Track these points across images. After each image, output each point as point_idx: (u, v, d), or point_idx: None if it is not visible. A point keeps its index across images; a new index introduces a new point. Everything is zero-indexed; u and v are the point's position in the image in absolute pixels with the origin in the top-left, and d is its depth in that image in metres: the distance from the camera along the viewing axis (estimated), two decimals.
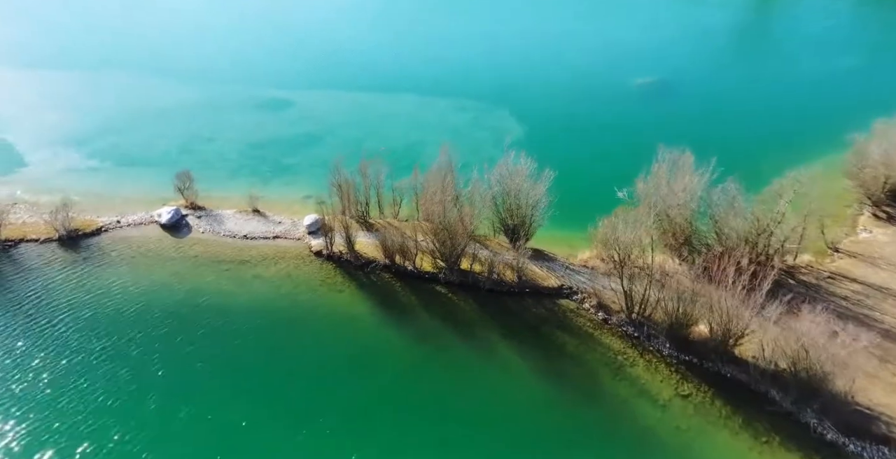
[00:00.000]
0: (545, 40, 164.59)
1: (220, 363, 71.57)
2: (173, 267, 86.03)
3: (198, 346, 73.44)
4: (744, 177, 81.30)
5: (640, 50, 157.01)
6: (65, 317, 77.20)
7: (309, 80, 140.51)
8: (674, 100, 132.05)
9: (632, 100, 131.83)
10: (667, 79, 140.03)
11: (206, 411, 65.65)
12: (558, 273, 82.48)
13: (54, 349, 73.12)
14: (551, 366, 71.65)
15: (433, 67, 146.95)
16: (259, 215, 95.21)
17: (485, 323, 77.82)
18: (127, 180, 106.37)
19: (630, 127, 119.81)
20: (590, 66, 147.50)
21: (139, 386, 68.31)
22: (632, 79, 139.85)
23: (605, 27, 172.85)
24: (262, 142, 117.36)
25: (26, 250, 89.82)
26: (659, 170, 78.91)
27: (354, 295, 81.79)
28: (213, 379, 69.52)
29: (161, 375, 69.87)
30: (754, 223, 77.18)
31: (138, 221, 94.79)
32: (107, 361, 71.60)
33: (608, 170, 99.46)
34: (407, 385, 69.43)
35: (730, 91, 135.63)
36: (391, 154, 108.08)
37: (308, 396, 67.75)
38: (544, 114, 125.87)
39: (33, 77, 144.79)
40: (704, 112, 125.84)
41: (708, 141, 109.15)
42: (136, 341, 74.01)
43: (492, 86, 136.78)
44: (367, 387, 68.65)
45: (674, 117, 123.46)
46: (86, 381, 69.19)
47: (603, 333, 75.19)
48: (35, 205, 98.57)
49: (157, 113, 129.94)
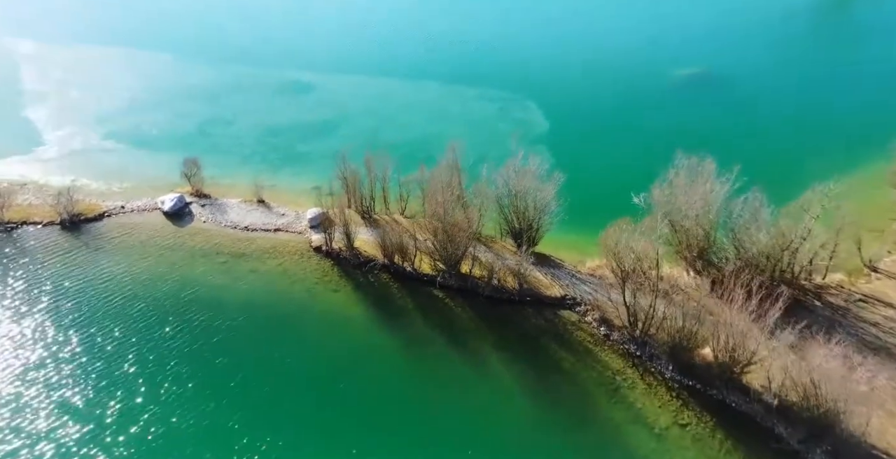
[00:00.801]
0: (581, 23, 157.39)
1: (195, 360, 69.20)
2: (169, 257, 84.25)
3: (175, 341, 71.36)
4: (779, 187, 75.83)
5: (687, 35, 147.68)
6: (46, 306, 76.01)
7: (334, 64, 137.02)
8: (714, 95, 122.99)
9: (669, 94, 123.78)
10: (711, 70, 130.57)
11: (170, 412, 63.50)
12: (563, 281, 77.87)
13: (27, 341, 71.77)
14: (544, 384, 67.40)
15: (461, 54, 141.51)
16: (263, 206, 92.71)
17: (480, 332, 73.96)
18: (140, 163, 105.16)
19: (663, 123, 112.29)
20: (629, 54, 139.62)
21: (108, 383, 66.60)
22: (672, 70, 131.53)
23: (650, 9, 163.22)
24: (279, 127, 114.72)
25: (27, 233, 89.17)
26: (676, 177, 73.10)
27: (349, 296, 78.71)
28: (183, 378, 67.20)
29: (132, 372, 67.94)
30: (778, 238, 70.99)
31: (142, 207, 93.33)
32: (79, 355, 70.07)
33: (634, 171, 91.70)
34: (390, 396, 66.03)
35: (780, 86, 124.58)
36: (407, 145, 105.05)
37: (279, 401, 64.78)
38: (573, 106, 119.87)
39: (65, 52, 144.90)
40: (746, 109, 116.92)
41: (744, 141, 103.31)
42: (114, 335, 72.25)
43: (521, 75, 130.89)
44: (348, 398, 65.47)
45: (712, 113, 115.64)
46: (55, 375, 67.80)
47: (603, 350, 70.57)
48: (44, 186, 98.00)
49: (182, 93, 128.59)
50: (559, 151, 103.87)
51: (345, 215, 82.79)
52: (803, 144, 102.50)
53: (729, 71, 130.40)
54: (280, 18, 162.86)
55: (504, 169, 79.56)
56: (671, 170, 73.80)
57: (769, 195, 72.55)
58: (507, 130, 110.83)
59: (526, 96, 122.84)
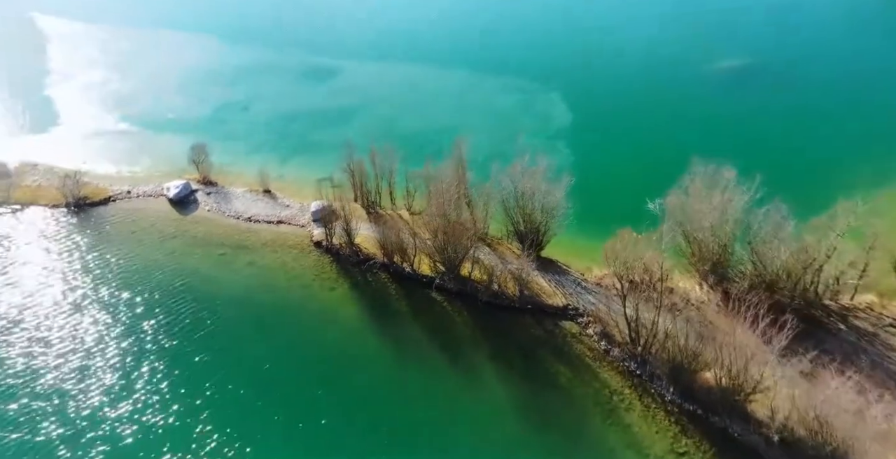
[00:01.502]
0: (619, 9, 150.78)
1: (176, 357, 67.32)
2: (168, 245, 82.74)
3: (158, 335, 69.67)
4: (808, 198, 70.32)
5: (734, 22, 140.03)
6: (33, 290, 74.96)
7: (360, 48, 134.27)
8: (756, 91, 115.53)
9: (705, 88, 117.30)
10: (757, 63, 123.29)
11: (141, 411, 61.68)
12: (567, 289, 73.83)
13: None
14: (538, 400, 63.59)
15: (489, 41, 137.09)
16: (269, 196, 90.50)
17: (475, 340, 70.50)
18: (153, 147, 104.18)
19: (694, 121, 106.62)
20: (667, 43, 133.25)
21: (82, 376, 65.15)
22: (714, 62, 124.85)
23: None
24: (295, 113, 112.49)
25: (31, 214, 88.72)
26: (691, 184, 68.28)
27: (345, 295, 75.99)
28: (158, 376, 65.33)
29: (107, 365, 66.38)
30: (799, 254, 65.73)
31: (149, 193, 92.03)
32: (56, 345, 68.68)
33: (658, 172, 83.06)
34: (373, 407, 62.66)
35: (832, 84, 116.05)
36: (422, 137, 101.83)
37: (254, 406, 62.26)
38: (599, 100, 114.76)
39: (98, 33, 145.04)
40: (788, 108, 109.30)
41: (779, 143, 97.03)
42: (97, 326, 70.84)
43: (549, 64, 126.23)
44: (326, 407, 62.48)
45: (748, 111, 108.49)
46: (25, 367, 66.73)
47: (602, 366, 66.48)
48: (54, 167, 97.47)
49: (204, 75, 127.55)
50: (579, 148, 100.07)
51: (346, 210, 79.86)
52: (843, 150, 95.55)
53: (777, 64, 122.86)
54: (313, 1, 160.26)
55: (511, 168, 75.36)
56: (686, 176, 68.82)
57: (795, 207, 67.28)
58: (527, 124, 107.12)
59: (551, 87, 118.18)
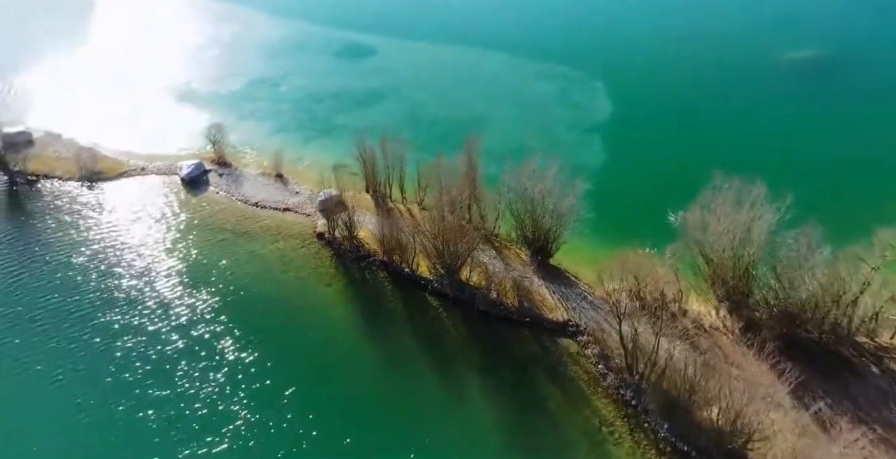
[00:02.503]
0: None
1: (150, 341, 65.86)
2: (170, 227, 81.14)
3: (134, 319, 68.21)
4: (854, 223, 63.31)
5: (807, 10, 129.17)
6: (16, 269, 74.37)
7: (401, 27, 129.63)
8: (826, 87, 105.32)
9: (768, 83, 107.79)
10: (833, 54, 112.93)
11: (102, 400, 60.16)
12: (571, 303, 68.81)
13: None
14: (524, 424, 59.08)
15: (535, 23, 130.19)
16: (280, 181, 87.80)
17: (467, 352, 66.49)
18: (177, 122, 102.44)
19: (746, 124, 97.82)
20: (729, 30, 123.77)
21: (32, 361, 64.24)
22: (782, 53, 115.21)
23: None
24: (324, 93, 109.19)
25: (44, 186, 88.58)
26: (714, 200, 61.99)
27: (340, 293, 72.96)
28: (122, 364, 63.75)
29: (59, 348, 65.35)
30: (829, 285, 58.98)
31: (162, 170, 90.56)
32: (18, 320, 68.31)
33: (695, 179, 70.88)
34: (348, 419, 59.28)
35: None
36: (448, 125, 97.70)
37: (216, 407, 59.90)
38: (647, 92, 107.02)
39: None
40: (860, 110, 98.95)
41: (840, 153, 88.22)
42: (71, 306, 69.96)
43: (596, 51, 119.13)
44: (301, 406, 59.79)
45: (812, 112, 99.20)
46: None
47: (596, 391, 61.54)
48: (77, 138, 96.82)
49: (242, 48, 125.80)
50: (614, 145, 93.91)
51: (350, 202, 76.46)
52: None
53: (848, 59, 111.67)
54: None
55: (520, 168, 70.31)
56: (708, 190, 62.51)
57: (835, 233, 60.43)
58: (562, 115, 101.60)
59: (594, 75, 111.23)
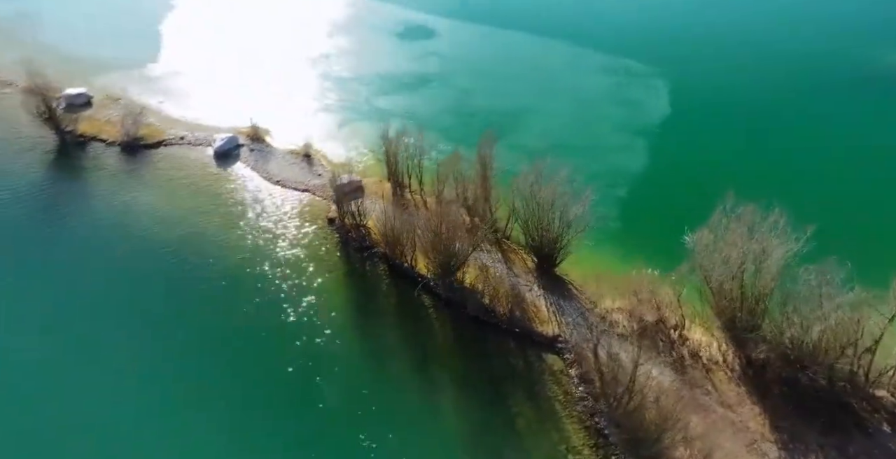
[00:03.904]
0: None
1: (132, 315, 66.58)
2: (190, 198, 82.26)
3: (120, 287, 69.42)
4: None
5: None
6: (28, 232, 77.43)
7: (467, 9, 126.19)
8: None
9: (857, 91, 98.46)
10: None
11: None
12: (566, 318, 64.87)
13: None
14: (487, 444, 55.92)
15: (610, 13, 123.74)
16: (307, 161, 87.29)
17: (447, 359, 63.96)
18: (227, 95, 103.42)
19: (827, 137, 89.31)
20: (820, 29, 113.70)
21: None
22: (883, 56, 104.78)
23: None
24: (373, 74, 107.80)
25: (91, 148, 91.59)
26: (721, 224, 56.57)
27: (337, 283, 71.56)
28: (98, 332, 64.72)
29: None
30: (842, 331, 52.77)
31: (199, 141, 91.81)
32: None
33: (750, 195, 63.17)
34: (308, 419, 57.87)
35: None
36: (488, 116, 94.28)
37: (183, 386, 59.93)
38: (713, 93, 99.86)
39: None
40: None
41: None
42: (65, 270, 71.99)
43: (666, 46, 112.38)
44: (266, 393, 59.25)
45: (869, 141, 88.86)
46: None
47: (570, 415, 57.76)
48: (131, 103, 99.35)
49: (305, 25, 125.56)
50: (661, 152, 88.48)
51: (357, 190, 75.04)
52: None
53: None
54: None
55: (526, 175, 66.60)
56: (719, 212, 57.05)
57: (863, 273, 53.94)
58: (614, 114, 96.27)
59: (659, 72, 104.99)
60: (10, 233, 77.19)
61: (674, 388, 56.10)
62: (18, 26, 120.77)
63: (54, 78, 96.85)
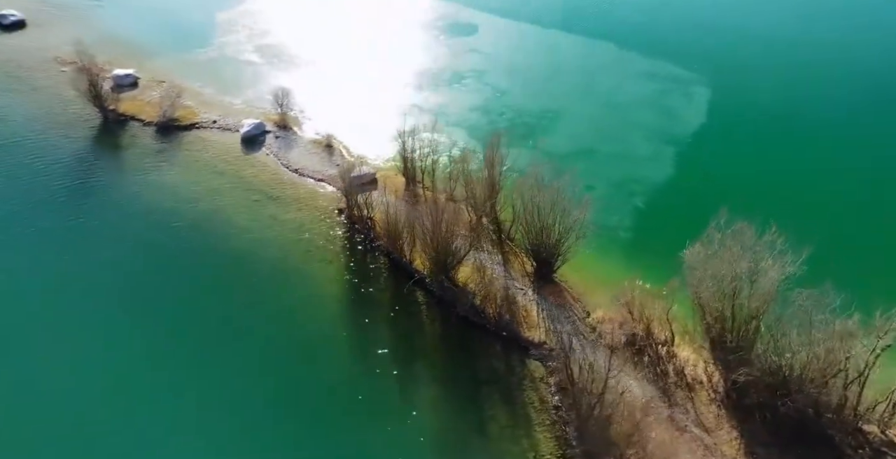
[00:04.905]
0: None
1: (130, 281, 69.37)
2: (213, 182, 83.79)
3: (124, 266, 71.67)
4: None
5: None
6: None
7: (513, 6, 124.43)
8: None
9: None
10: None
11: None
12: (556, 325, 63.74)
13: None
14: (457, 448, 55.97)
15: (664, 15, 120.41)
16: (328, 151, 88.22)
17: (431, 357, 64.20)
18: (265, 81, 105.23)
19: (881, 159, 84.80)
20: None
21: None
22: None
23: None
24: (407, 70, 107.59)
25: (129, 127, 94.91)
26: (709, 241, 54.58)
27: (337, 272, 72.21)
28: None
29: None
30: (828, 361, 50.21)
31: (229, 126, 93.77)
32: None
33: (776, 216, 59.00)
34: (284, 398, 59.20)
35: None
36: (517, 116, 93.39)
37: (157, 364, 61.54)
38: (758, 104, 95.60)
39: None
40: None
41: None
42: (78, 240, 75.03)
43: (718, 52, 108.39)
44: (242, 381, 60.05)
45: None
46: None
47: (542, 423, 56.80)
48: (174, 86, 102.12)
49: (347, 15, 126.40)
50: (688, 162, 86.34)
51: (362, 182, 75.75)
52: None
53: None
54: None
55: (524, 178, 65.72)
56: (712, 228, 55.01)
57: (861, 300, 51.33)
58: (647, 121, 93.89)
59: (703, 79, 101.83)
60: (41, 197, 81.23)
61: (651, 405, 54.54)
62: (94, 13, 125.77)
63: (111, 59, 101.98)
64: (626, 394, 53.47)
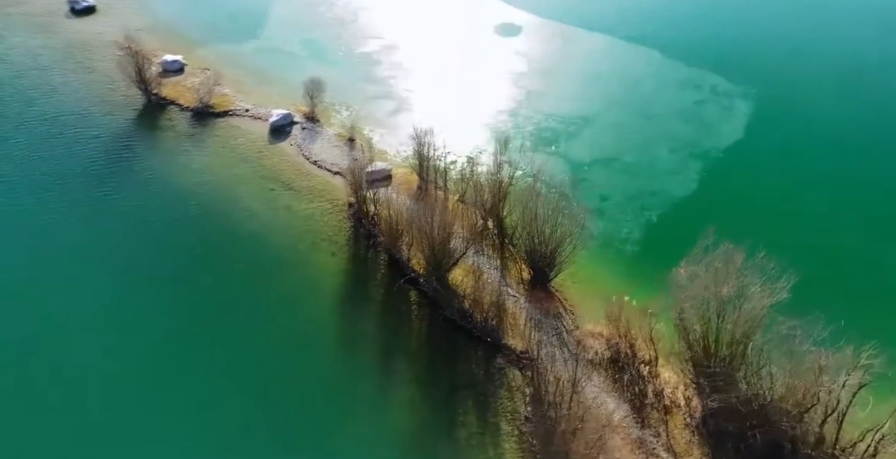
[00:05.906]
0: None
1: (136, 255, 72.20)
2: (235, 169, 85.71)
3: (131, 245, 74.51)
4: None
5: None
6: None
7: (560, 6, 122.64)
8: None
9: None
10: None
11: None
12: (541, 334, 62.56)
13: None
14: (424, 448, 56.03)
15: (713, 24, 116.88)
16: (349, 146, 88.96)
17: (414, 357, 63.91)
18: (304, 73, 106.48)
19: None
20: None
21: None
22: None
23: None
24: (442, 67, 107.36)
25: (168, 111, 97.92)
26: (699, 262, 52.54)
27: (337, 265, 72.91)
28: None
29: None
30: (798, 392, 47.77)
31: (259, 115, 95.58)
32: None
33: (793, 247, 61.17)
34: (260, 388, 60.16)
35: None
36: (543, 122, 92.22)
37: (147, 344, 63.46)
38: (801, 121, 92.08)
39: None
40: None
41: None
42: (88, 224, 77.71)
43: (769, 63, 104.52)
44: (228, 368, 61.55)
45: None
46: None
47: (511, 434, 56.15)
48: (216, 74, 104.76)
49: (397, 18, 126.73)
50: (714, 179, 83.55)
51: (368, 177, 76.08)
52: None
53: None
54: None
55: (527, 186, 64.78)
56: (698, 249, 53.02)
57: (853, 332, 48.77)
58: (680, 133, 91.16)
59: (746, 92, 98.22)
60: (76, 170, 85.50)
61: (623, 424, 53.04)
62: (160, 1, 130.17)
63: (164, 45, 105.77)
64: (595, 411, 51.99)
